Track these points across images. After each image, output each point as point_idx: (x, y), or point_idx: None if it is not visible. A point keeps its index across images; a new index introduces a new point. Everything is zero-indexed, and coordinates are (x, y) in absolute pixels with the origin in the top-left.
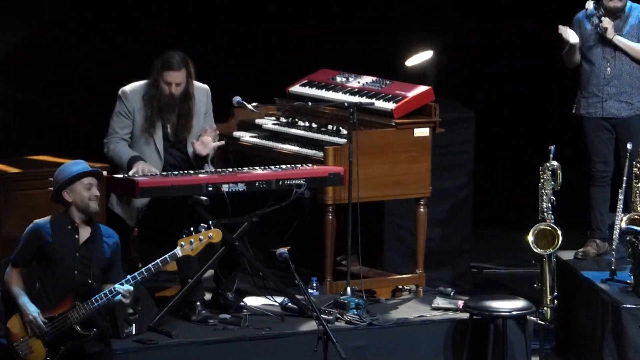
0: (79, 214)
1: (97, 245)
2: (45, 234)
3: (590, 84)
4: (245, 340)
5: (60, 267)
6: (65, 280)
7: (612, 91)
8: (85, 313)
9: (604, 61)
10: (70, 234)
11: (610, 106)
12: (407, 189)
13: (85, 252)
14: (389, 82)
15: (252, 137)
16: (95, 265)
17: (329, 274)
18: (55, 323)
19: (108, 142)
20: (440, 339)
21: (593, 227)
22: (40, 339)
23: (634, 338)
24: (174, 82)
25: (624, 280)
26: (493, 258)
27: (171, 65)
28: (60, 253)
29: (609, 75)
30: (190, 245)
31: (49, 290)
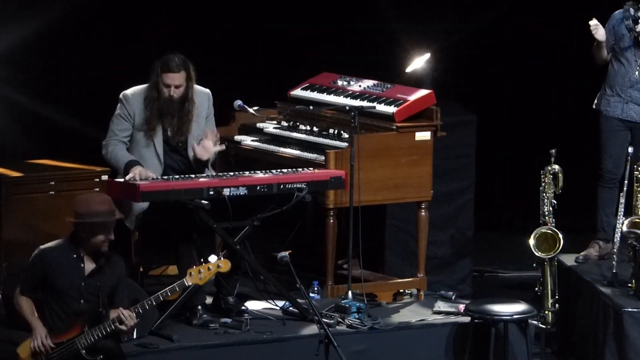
0: (88, 248)
1: (105, 275)
2: (50, 262)
3: (616, 84)
4: (247, 344)
5: (65, 296)
6: (70, 309)
7: (635, 95)
8: (93, 339)
9: (635, 64)
10: (75, 263)
11: (630, 109)
12: (408, 192)
13: (91, 282)
14: (390, 86)
15: (253, 141)
16: (103, 294)
17: (330, 277)
18: (63, 348)
19: (107, 144)
20: (441, 342)
21: (598, 227)
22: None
23: (635, 341)
24: (173, 84)
25: (625, 284)
26: (494, 262)
27: (170, 67)
28: (65, 283)
29: (635, 78)
30: (199, 274)
31: (55, 317)
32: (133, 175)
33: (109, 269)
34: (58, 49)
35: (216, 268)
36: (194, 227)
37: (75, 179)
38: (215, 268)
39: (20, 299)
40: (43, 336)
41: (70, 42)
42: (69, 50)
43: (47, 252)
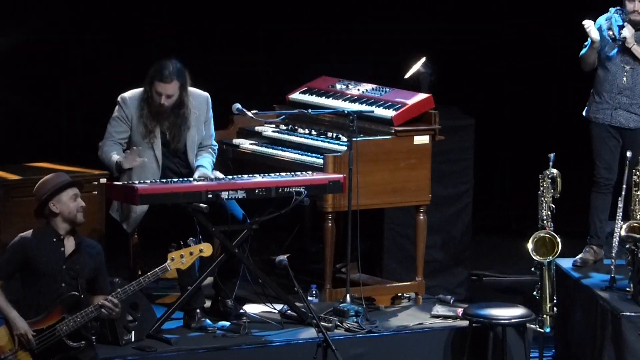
0: (65, 225)
1: (82, 256)
2: (30, 247)
3: (604, 90)
4: (245, 347)
5: (47, 280)
6: (52, 293)
7: (623, 101)
8: (75, 325)
9: (621, 70)
10: (55, 246)
11: (619, 115)
12: (406, 196)
13: (71, 264)
14: (389, 90)
15: (252, 145)
16: (82, 277)
17: (328, 281)
18: (44, 336)
19: (102, 145)
20: (439, 346)
21: (591, 233)
22: (29, 352)
23: (633, 346)
24: (165, 93)
25: (623, 288)
26: (493, 266)
27: (163, 76)
28: (47, 266)
29: (623, 84)
30: (180, 259)
31: (35, 303)
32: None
33: (87, 253)
34: (56, 51)
35: (198, 252)
36: (192, 230)
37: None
38: (197, 252)
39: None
40: (26, 328)
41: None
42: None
43: (27, 238)
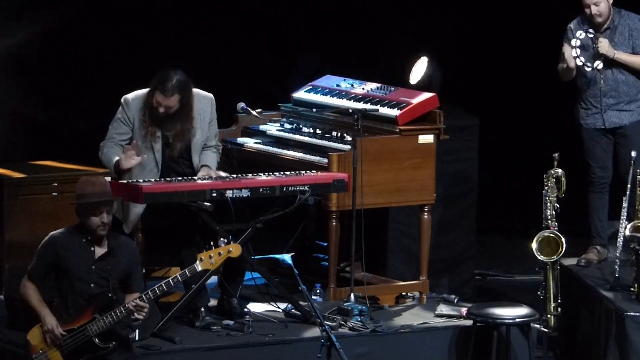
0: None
1: (115, 258)
2: (60, 247)
3: (589, 96)
4: (249, 346)
5: (76, 280)
6: (82, 293)
7: (610, 102)
8: (105, 326)
9: (597, 74)
10: (85, 247)
11: (610, 116)
12: (411, 195)
13: (102, 265)
14: (394, 89)
15: (256, 143)
16: (114, 277)
17: (332, 280)
18: (74, 335)
19: (103, 146)
20: (443, 346)
21: (593, 233)
22: (59, 351)
23: (637, 346)
24: (164, 104)
25: (627, 288)
26: (497, 265)
27: (164, 89)
28: (75, 266)
29: (604, 87)
30: (210, 259)
31: (68, 303)
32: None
33: (120, 253)
34: (60, 51)
35: (227, 253)
36: (196, 229)
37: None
38: (226, 253)
39: (27, 286)
40: (54, 325)
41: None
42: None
43: (57, 237)
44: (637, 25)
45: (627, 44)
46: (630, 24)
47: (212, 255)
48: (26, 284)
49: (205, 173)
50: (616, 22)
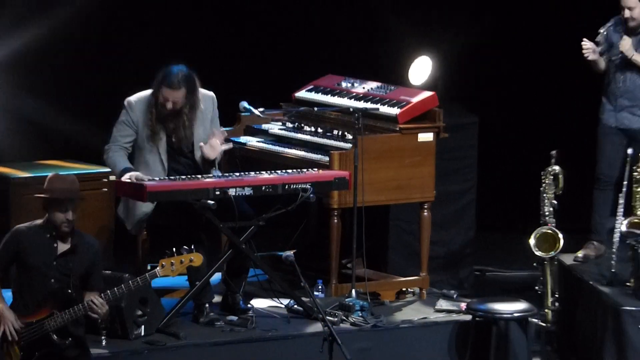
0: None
1: (77, 256)
2: (24, 240)
3: (609, 93)
4: (252, 341)
5: (37, 275)
6: (42, 288)
7: (625, 103)
8: (62, 322)
9: (620, 74)
10: (48, 242)
11: (623, 117)
12: (411, 193)
13: (63, 262)
14: (394, 88)
15: (259, 142)
16: (74, 274)
17: (334, 276)
18: (32, 329)
19: (108, 149)
20: (443, 340)
21: (592, 229)
22: (16, 344)
23: (633, 339)
24: (171, 99)
25: (624, 283)
26: (496, 261)
27: (170, 83)
28: (37, 260)
29: (623, 88)
30: (171, 266)
31: (26, 297)
32: (128, 177)
33: (83, 251)
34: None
35: (188, 261)
36: (200, 227)
37: (83, 179)
38: (188, 261)
39: None
40: (13, 320)
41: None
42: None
43: (21, 231)
44: None
45: None
46: None
47: (173, 262)
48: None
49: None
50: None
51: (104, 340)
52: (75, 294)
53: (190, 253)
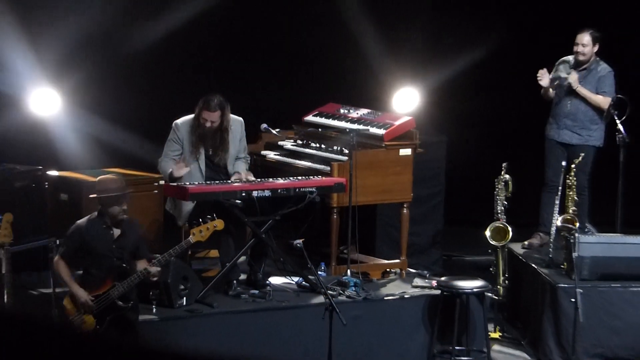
0: (110, 219)
1: (127, 237)
2: (85, 233)
3: (555, 114)
4: (269, 310)
5: (101, 257)
6: (105, 266)
7: (568, 123)
8: (123, 290)
9: (567, 100)
10: (105, 231)
11: (565, 134)
12: (393, 195)
13: (119, 244)
14: (381, 113)
15: (276, 155)
16: (127, 252)
17: (333, 259)
18: (101, 300)
19: (161, 160)
20: (418, 310)
21: (540, 222)
22: (90, 313)
23: (566, 310)
24: (210, 120)
25: (559, 266)
26: (459, 248)
27: (209, 106)
28: (100, 246)
29: (568, 110)
30: (200, 233)
31: (93, 274)
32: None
33: (130, 232)
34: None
35: (213, 227)
36: (230, 220)
37: (139, 183)
38: (212, 227)
39: (59, 264)
40: (86, 295)
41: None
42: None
43: (82, 225)
44: (604, 73)
45: (594, 85)
46: (600, 71)
47: (202, 230)
48: (59, 263)
49: (237, 177)
50: (593, 67)
51: (154, 308)
52: (129, 267)
53: (214, 220)
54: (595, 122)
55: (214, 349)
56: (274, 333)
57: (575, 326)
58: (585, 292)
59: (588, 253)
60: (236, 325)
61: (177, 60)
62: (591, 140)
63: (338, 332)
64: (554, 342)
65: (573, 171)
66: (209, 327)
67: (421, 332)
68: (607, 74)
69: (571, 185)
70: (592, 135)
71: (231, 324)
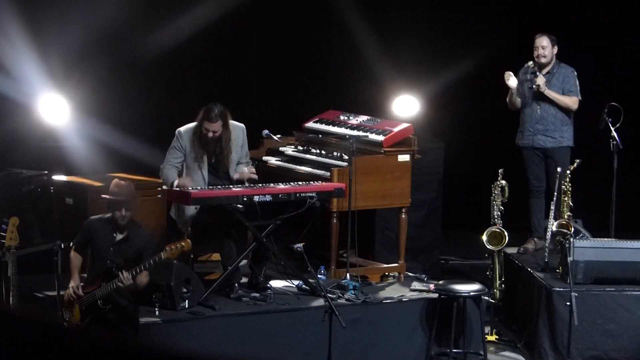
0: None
1: (129, 243)
2: (93, 229)
3: (526, 122)
4: (270, 312)
5: (99, 256)
6: (100, 266)
7: (540, 128)
8: (106, 292)
9: (536, 105)
10: (110, 232)
11: (539, 139)
12: (392, 200)
13: (117, 248)
14: (379, 120)
15: (277, 161)
16: (123, 258)
17: (333, 263)
18: (88, 296)
19: (163, 167)
20: (416, 313)
21: (532, 228)
22: (78, 307)
23: (561, 313)
24: (211, 129)
25: (554, 270)
26: (457, 252)
27: (210, 117)
28: (100, 245)
29: (538, 115)
30: (170, 250)
31: (92, 272)
32: (177, 185)
33: (135, 240)
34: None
35: (181, 247)
36: (232, 224)
37: (143, 188)
38: (180, 246)
39: (71, 255)
40: (74, 286)
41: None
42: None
43: (93, 221)
44: (568, 74)
45: (559, 87)
46: (564, 72)
47: (172, 248)
48: (72, 253)
49: (239, 176)
50: (555, 70)
51: (157, 310)
52: (118, 272)
53: (182, 240)
54: (565, 123)
55: (215, 351)
56: (275, 335)
57: (570, 329)
58: (580, 296)
59: (582, 257)
60: (237, 328)
61: (181, 69)
62: (564, 141)
63: (337, 334)
64: (549, 345)
65: (568, 177)
66: (211, 330)
67: (419, 335)
68: (570, 74)
69: (566, 191)
70: (564, 136)
71: (233, 327)
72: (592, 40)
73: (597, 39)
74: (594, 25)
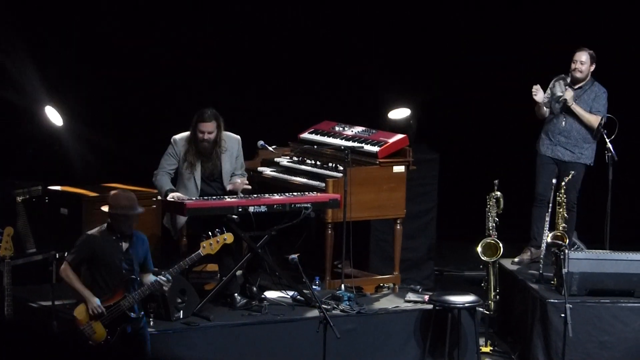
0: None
1: (135, 249)
2: (96, 244)
3: (549, 131)
4: (265, 323)
5: (112, 268)
6: (116, 277)
7: (562, 140)
8: (134, 301)
9: (562, 117)
10: (115, 242)
11: (558, 150)
12: (387, 211)
13: (128, 255)
14: (375, 131)
15: (272, 172)
16: (136, 262)
17: (328, 274)
18: (112, 310)
19: (157, 173)
20: (411, 324)
21: (531, 237)
22: (101, 322)
23: (556, 325)
24: (207, 131)
25: (549, 281)
26: (451, 263)
27: (204, 118)
28: (111, 257)
29: (562, 127)
30: (210, 246)
31: (102, 285)
32: (171, 197)
33: (138, 245)
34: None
35: (223, 240)
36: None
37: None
38: (222, 240)
39: (68, 271)
40: (98, 302)
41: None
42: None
43: (94, 236)
44: (599, 93)
45: (589, 104)
46: (596, 90)
47: (212, 243)
48: (67, 270)
49: (232, 187)
50: (588, 87)
51: (152, 321)
52: (139, 279)
53: (224, 234)
54: (587, 141)
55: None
56: (269, 346)
57: (565, 341)
58: (574, 308)
59: (577, 269)
60: (232, 338)
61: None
62: (583, 158)
63: (332, 345)
64: (544, 357)
65: (563, 188)
66: (206, 340)
67: (413, 346)
68: (602, 94)
69: (561, 203)
70: (584, 153)
71: (227, 337)
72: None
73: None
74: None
